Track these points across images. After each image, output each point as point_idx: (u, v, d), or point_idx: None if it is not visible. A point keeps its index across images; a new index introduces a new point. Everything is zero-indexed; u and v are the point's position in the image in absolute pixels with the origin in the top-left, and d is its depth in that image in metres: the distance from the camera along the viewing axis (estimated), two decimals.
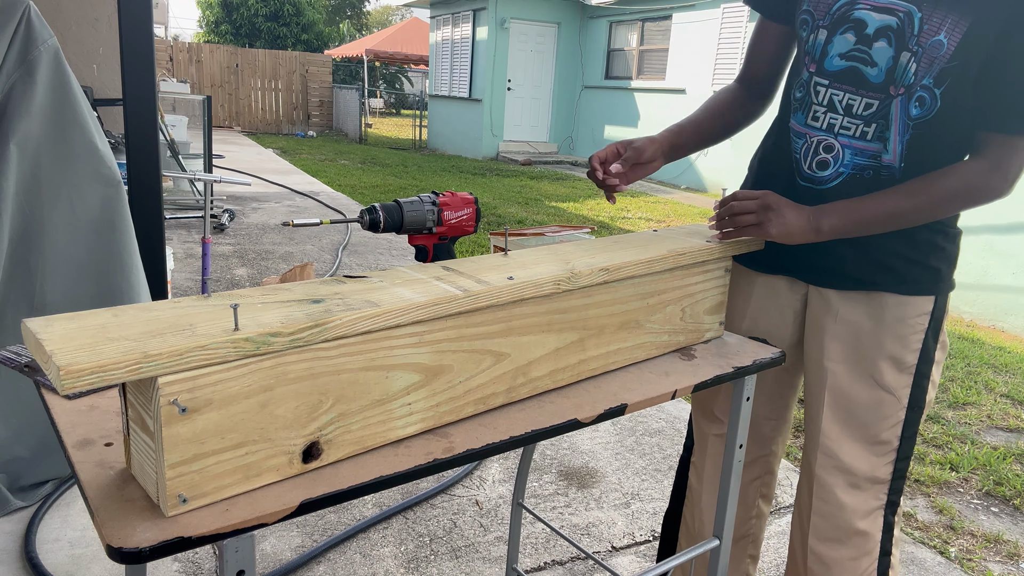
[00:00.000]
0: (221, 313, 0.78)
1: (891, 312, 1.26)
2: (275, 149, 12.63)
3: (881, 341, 1.27)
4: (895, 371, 1.27)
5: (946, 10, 1.10)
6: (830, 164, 1.24)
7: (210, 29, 23.91)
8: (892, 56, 1.14)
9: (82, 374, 0.64)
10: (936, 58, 1.11)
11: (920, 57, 1.12)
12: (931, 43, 1.11)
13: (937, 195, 1.16)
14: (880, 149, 1.20)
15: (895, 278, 1.26)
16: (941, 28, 1.10)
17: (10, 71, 1.98)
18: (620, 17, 12.28)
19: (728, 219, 1.27)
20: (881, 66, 1.16)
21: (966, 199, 1.16)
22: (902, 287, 1.26)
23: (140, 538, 0.70)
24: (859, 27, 1.17)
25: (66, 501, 2.13)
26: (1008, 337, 4.70)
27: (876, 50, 1.16)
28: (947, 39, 1.10)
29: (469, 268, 1.03)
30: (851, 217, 1.20)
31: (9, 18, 1.96)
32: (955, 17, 1.09)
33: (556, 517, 2.30)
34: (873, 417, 1.30)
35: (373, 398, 0.87)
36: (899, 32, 1.13)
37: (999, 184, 1.14)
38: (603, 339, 1.14)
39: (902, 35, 1.13)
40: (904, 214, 1.18)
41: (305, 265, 1.86)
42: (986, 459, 2.88)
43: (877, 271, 1.26)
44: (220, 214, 6.11)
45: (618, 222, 7.49)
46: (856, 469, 1.32)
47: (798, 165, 1.29)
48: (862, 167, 1.22)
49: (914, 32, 1.12)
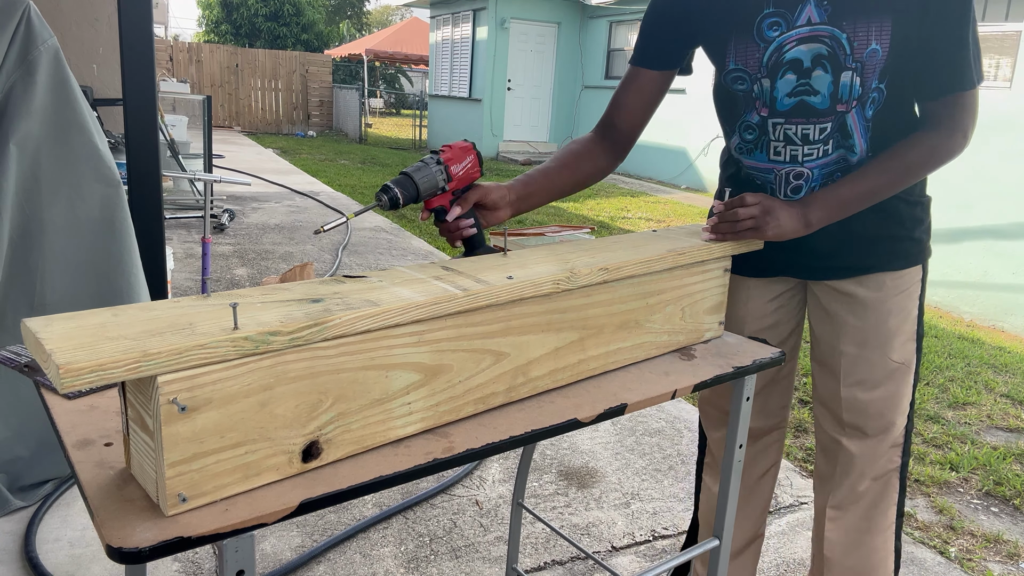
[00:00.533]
0: (220, 312, 0.78)
1: (890, 289, 1.34)
2: (275, 149, 12.63)
3: (886, 317, 1.34)
4: (904, 342, 1.35)
5: (867, 20, 1.15)
6: (803, 187, 1.31)
7: (210, 29, 23.91)
8: (831, 81, 1.20)
9: (81, 373, 0.64)
10: (876, 63, 1.17)
11: (862, 71, 1.18)
12: (867, 53, 1.16)
13: (907, 167, 1.23)
14: (845, 154, 1.27)
15: (888, 257, 1.33)
16: (870, 38, 1.15)
17: (10, 71, 1.98)
18: (620, 17, 12.28)
19: (728, 223, 1.28)
20: (824, 92, 1.21)
21: (934, 163, 1.23)
22: (896, 263, 1.33)
23: (140, 538, 0.70)
24: (795, 65, 1.21)
25: (66, 501, 2.13)
26: (1008, 337, 4.70)
27: (815, 79, 1.21)
28: (879, 44, 1.16)
29: (468, 268, 1.03)
30: (833, 204, 1.26)
31: (9, 18, 1.96)
32: (877, 23, 1.14)
33: (556, 517, 2.30)
34: (890, 392, 1.36)
35: (373, 397, 0.87)
36: (832, 57, 1.18)
37: (960, 142, 1.22)
38: (603, 339, 1.14)
39: (836, 59, 1.18)
40: (880, 189, 1.24)
41: (305, 265, 1.86)
42: (986, 459, 2.88)
43: (870, 256, 1.33)
44: (220, 214, 6.11)
45: (618, 222, 7.49)
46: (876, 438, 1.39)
47: (773, 193, 1.34)
48: (832, 172, 1.29)
49: (847, 52, 1.17)
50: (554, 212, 7.74)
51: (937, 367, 3.91)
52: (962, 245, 5.06)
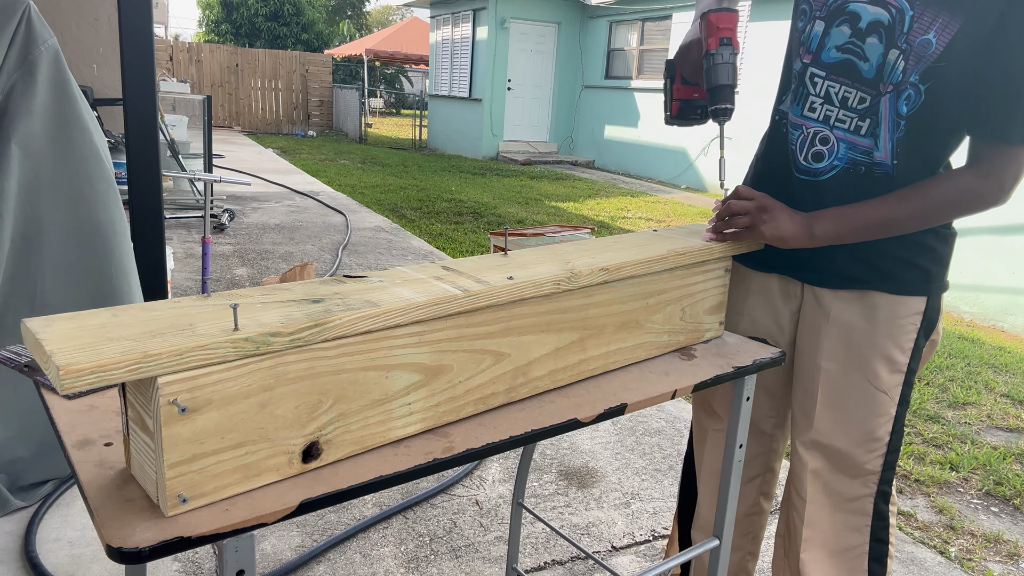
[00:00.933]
0: (221, 313, 0.78)
1: (883, 312, 1.27)
2: (275, 149, 12.63)
3: (875, 341, 1.28)
4: (888, 371, 1.28)
5: (938, 9, 1.09)
6: (825, 156, 1.25)
7: (210, 29, 23.91)
8: (882, 53, 1.15)
9: (81, 374, 0.64)
10: (924, 56, 1.11)
11: (908, 55, 1.12)
12: (920, 42, 1.11)
13: (931, 202, 1.16)
14: (872, 146, 1.21)
15: (885, 277, 1.26)
16: (931, 27, 1.10)
17: (11, 71, 1.98)
18: (620, 17, 12.28)
19: (726, 219, 1.27)
20: (872, 62, 1.16)
21: (961, 207, 1.16)
22: (893, 286, 1.26)
23: (140, 538, 0.70)
24: (854, 20, 1.17)
25: (66, 501, 2.13)
26: (1008, 337, 4.70)
27: (868, 45, 1.16)
28: (936, 39, 1.10)
29: (469, 268, 1.03)
30: (844, 223, 1.21)
31: (9, 18, 1.96)
32: (946, 17, 1.09)
33: (556, 517, 2.30)
34: (866, 415, 1.31)
35: (373, 398, 0.87)
36: (889, 29, 1.13)
37: (995, 192, 1.14)
38: (603, 339, 1.14)
39: (892, 32, 1.13)
40: (898, 221, 1.18)
41: (305, 265, 1.86)
42: (986, 459, 2.88)
43: (867, 270, 1.27)
44: (220, 214, 6.11)
45: (618, 222, 7.49)
46: (847, 462, 1.33)
47: (794, 157, 1.30)
48: (856, 162, 1.23)
49: (903, 30, 1.12)
50: (554, 212, 7.74)
51: (937, 367, 3.91)
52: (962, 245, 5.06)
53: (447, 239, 6.17)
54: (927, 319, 1.28)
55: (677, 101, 1.39)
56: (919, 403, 3.39)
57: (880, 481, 1.34)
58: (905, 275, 1.26)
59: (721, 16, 1.24)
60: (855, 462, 1.32)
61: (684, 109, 1.39)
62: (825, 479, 1.36)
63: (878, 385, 1.29)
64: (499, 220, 7.04)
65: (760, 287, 1.43)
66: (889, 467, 1.34)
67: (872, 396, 1.29)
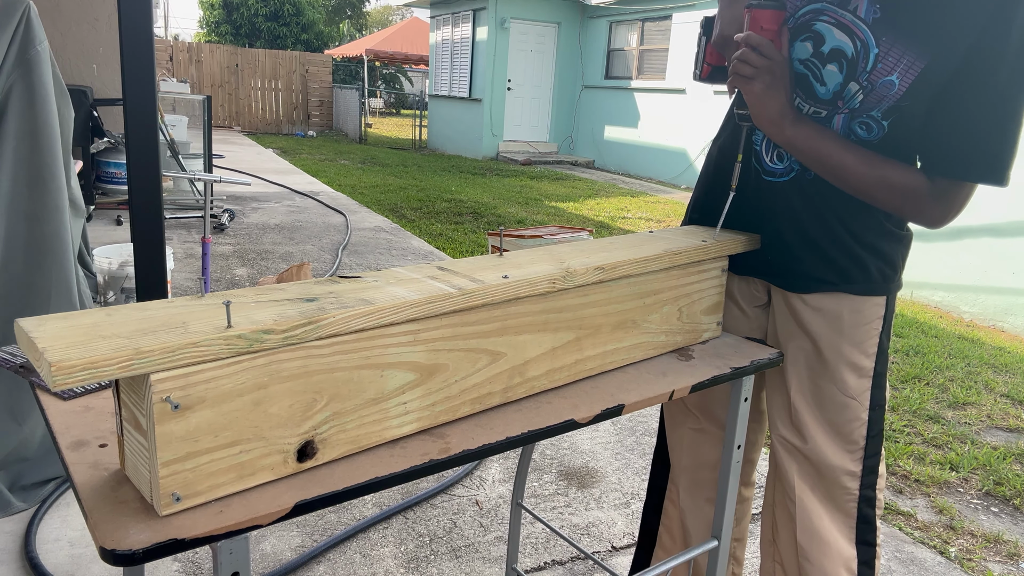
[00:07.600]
0: (214, 311, 0.78)
1: (848, 318, 1.27)
2: (275, 149, 12.63)
3: (840, 351, 1.28)
4: (856, 377, 1.29)
5: (903, 49, 1.09)
6: (785, 157, 1.26)
7: (211, 29, 23.93)
8: (840, 83, 1.15)
9: (74, 370, 0.63)
10: (886, 96, 1.12)
11: (869, 92, 1.13)
12: (882, 83, 1.11)
13: (882, 180, 1.15)
14: None
15: (846, 277, 1.27)
16: (895, 68, 1.09)
17: (10, 71, 1.98)
18: (620, 17, 12.28)
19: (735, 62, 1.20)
20: (829, 87, 1.17)
21: (901, 201, 1.15)
22: (854, 287, 1.27)
23: (133, 540, 0.70)
24: (817, 41, 1.17)
25: (66, 501, 2.13)
26: (1008, 337, 4.70)
27: (827, 72, 1.16)
28: (899, 80, 1.10)
29: (464, 267, 1.03)
30: (813, 142, 1.17)
31: (10, 18, 1.96)
32: (911, 58, 1.08)
33: (556, 517, 2.29)
34: (839, 420, 1.31)
35: (368, 397, 0.87)
36: (852, 62, 1.13)
37: (939, 215, 1.14)
38: (600, 339, 1.14)
39: (854, 67, 1.13)
40: (847, 172, 1.16)
41: (302, 265, 1.86)
42: (986, 459, 2.88)
43: (829, 269, 1.27)
44: (220, 214, 6.11)
45: (618, 222, 7.49)
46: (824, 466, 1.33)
47: (759, 157, 1.30)
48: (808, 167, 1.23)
49: (866, 68, 1.12)
50: (554, 212, 7.74)
51: (937, 367, 3.91)
52: (962, 245, 5.05)
53: (447, 239, 6.17)
54: (886, 320, 1.30)
55: (708, 65, 1.35)
56: (919, 403, 3.39)
57: (862, 486, 1.34)
58: (868, 275, 1.27)
59: (765, 15, 1.16)
60: (832, 466, 1.33)
61: (714, 74, 1.36)
62: (807, 483, 1.36)
63: (847, 392, 1.30)
64: (499, 220, 7.04)
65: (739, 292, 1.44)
66: (870, 471, 1.34)
67: (843, 403, 1.31)
